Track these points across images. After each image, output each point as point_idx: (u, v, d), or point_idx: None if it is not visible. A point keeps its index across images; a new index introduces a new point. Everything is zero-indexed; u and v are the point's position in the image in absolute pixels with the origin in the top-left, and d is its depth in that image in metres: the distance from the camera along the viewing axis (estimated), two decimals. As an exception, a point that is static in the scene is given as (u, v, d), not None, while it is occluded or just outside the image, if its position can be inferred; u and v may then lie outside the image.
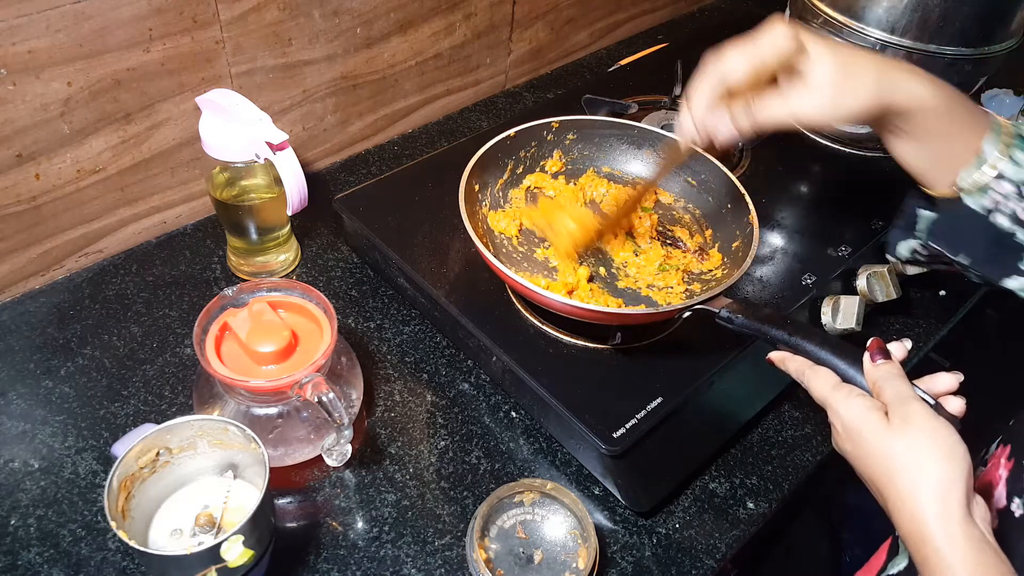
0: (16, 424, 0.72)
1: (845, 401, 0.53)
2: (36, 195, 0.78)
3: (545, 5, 1.16)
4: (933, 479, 0.47)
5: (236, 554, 0.54)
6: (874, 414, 0.51)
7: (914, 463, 0.48)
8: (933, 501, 0.47)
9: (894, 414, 0.50)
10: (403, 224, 0.84)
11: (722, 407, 0.77)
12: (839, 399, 0.54)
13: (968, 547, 0.45)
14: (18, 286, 0.83)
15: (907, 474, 0.48)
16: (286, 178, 0.75)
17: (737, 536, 0.70)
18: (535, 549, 0.64)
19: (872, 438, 0.50)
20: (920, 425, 0.49)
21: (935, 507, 0.46)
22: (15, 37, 0.69)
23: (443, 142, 1.09)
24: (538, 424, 0.76)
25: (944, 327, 0.92)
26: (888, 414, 0.51)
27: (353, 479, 0.71)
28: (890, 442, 0.49)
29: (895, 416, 0.50)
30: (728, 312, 0.64)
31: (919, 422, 0.49)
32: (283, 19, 0.87)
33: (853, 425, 0.52)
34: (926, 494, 0.47)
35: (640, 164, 0.86)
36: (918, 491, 0.47)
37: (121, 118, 0.80)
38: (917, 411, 0.49)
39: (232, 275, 0.87)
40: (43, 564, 0.63)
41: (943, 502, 0.46)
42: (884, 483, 0.50)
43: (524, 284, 0.66)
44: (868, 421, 0.51)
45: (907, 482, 0.48)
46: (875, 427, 0.50)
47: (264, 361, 0.64)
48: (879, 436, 0.50)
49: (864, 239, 0.88)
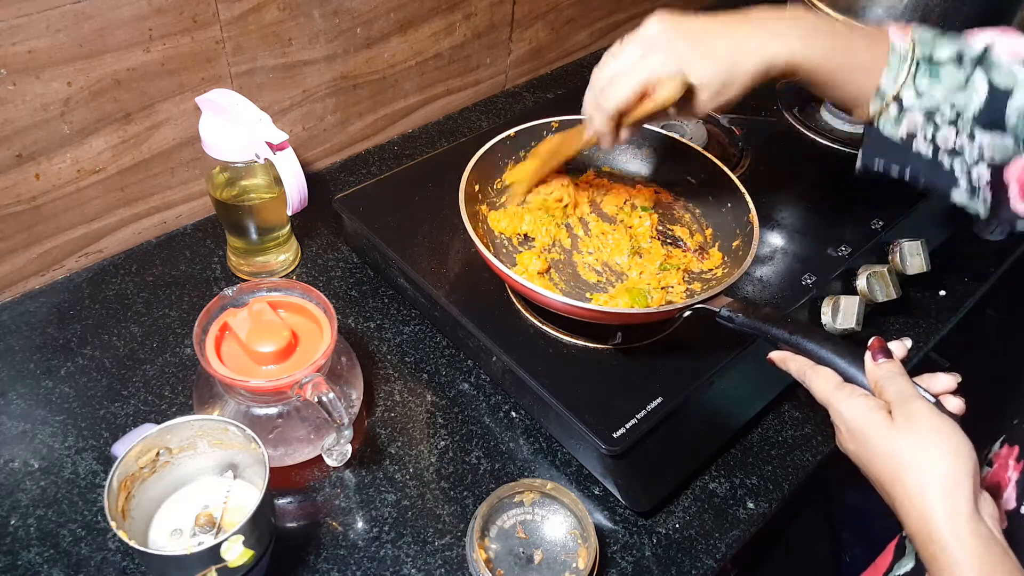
0: (16, 424, 0.72)
1: (848, 401, 0.53)
2: (36, 195, 0.78)
3: (545, 5, 1.16)
4: (940, 476, 0.47)
5: (236, 554, 0.54)
6: (877, 413, 0.51)
7: (920, 461, 0.48)
8: (940, 498, 0.47)
9: (898, 413, 0.50)
10: (403, 224, 0.84)
11: (722, 407, 0.77)
12: (841, 399, 0.53)
13: (975, 543, 0.45)
14: (18, 286, 0.83)
15: (913, 472, 0.48)
16: (286, 178, 0.75)
17: (737, 536, 0.70)
18: (535, 549, 0.64)
19: (876, 438, 0.50)
20: (924, 423, 0.49)
21: (942, 504, 0.46)
22: (15, 37, 0.69)
23: (443, 142, 1.09)
24: (538, 424, 0.76)
25: (944, 327, 0.92)
26: (891, 413, 0.51)
27: (353, 479, 0.71)
28: (895, 441, 0.49)
29: (899, 415, 0.50)
30: (728, 311, 0.64)
31: (923, 420, 0.49)
32: (283, 19, 0.87)
33: (857, 425, 0.52)
34: (933, 491, 0.47)
35: (640, 163, 0.86)
36: (925, 489, 0.47)
37: (121, 118, 0.80)
38: (921, 409, 0.49)
39: (232, 275, 0.87)
40: (43, 564, 0.63)
41: (950, 499, 0.46)
42: (890, 482, 0.49)
43: (524, 284, 0.66)
44: (872, 421, 0.51)
45: (914, 480, 0.48)
46: (879, 426, 0.50)
47: (264, 361, 0.64)
48: (883, 435, 0.50)
49: (864, 239, 0.88)
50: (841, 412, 0.53)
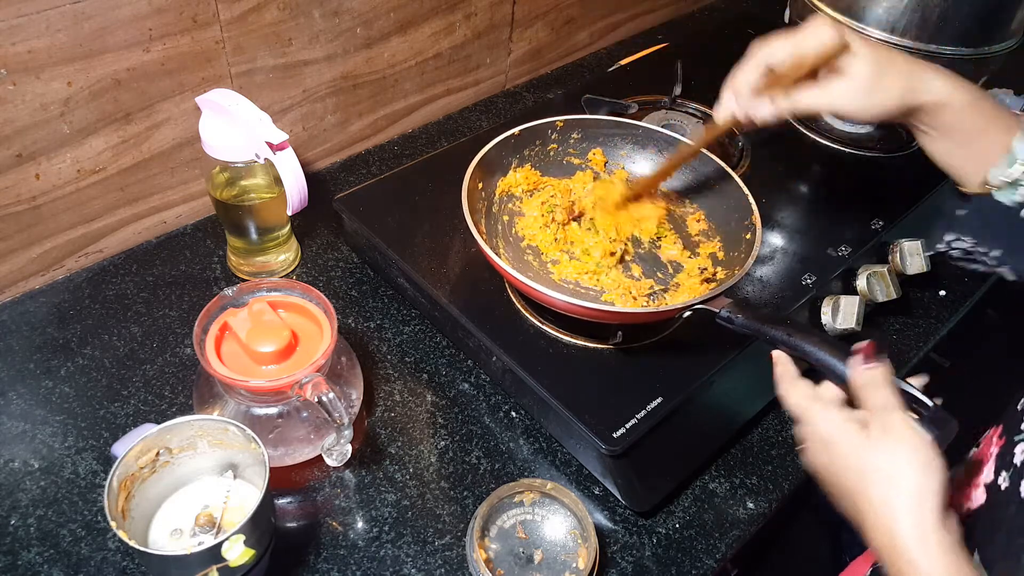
0: (16, 424, 0.72)
1: (823, 412, 0.53)
2: (36, 195, 0.78)
3: (545, 5, 1.16)
4: (909, 489, 0.47)
5: (237, 553, 0.54)
6: (852, 425, 0.51)
7: (890, 473, 0.48)
8: (908, 511, 0.47)
9: (875, 422, 0.50)
10: (403, 224, 0.84)
11: (722, 407, 0.77)
12: (818, 410, 0.53)
13: (940, 553, 0.45)
14: (18, 286, 0.83)
15: (882, 484, 0.48)
16: (286, 178, 0.75)
17: (737, 536, 0.70)
18: (535, 549, 0.64)
19: (849, 449, 0.50)
20: (899, 436, 0.49)
21: (910, 517, 0.46)
22: (15, 37, 0.69)
23: (443, 142, 1.09)
24: (538, 424, 0.76)
25: (944, 327, 0.92)
26: (869, 423, 0.50)
27: (353, 479, 0.71)
28: (867, 452, 0.49)
29: (876, 425, 0.50)
30: (728, 312, 0.64)
31: (899, 433, 0.49)
32: (283, 19, 0.87)
33: (831, 437, 0.52)
34: (901, 504, 0.47)
35: (645, 163, 0.86)
36: (893, 500, 0.47)
37: (121, 118, 0.80)
38: (898, 421, 0.49)
39: (232, 275, 0.87)
40: (43, 564, 0.63)
41: (918, 512, 0.46)
42: (858, 493, 0.49)
43: (525, 281, 0.66)
44: (846, 432, 0.51)
45: (882, 492, 0.48)
46: (853, 438, 0.50)
47: (264, 361, 0.64)
48: (856, 447, 0.50)
49: (864, 239, 0.88)
50: (816, 423, 0.53)
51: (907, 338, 0.90)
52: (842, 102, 0.62)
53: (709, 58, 1.17)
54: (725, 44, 1.23)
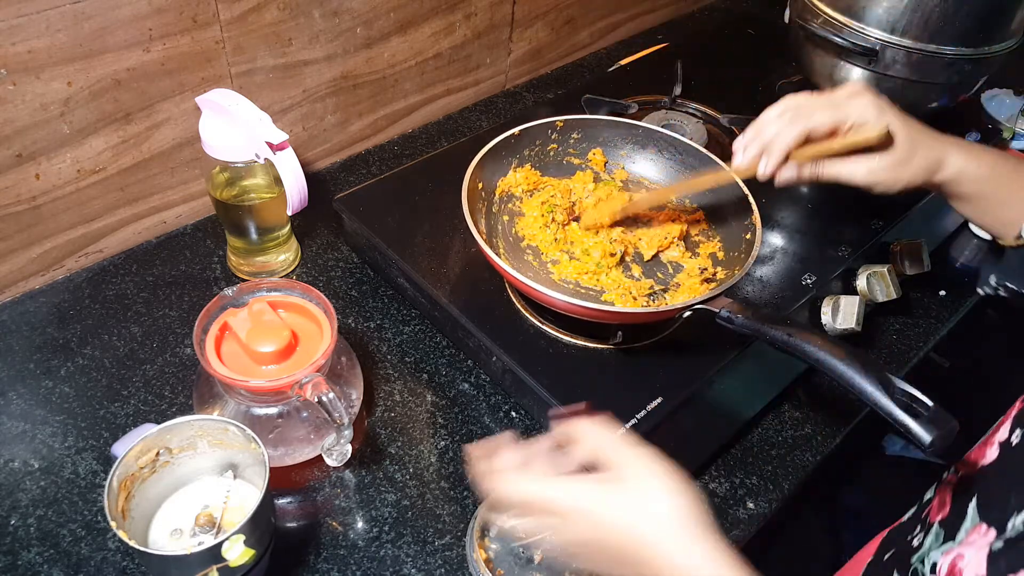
0: (16, 424, 0.72)
1: (568, 484, 0.49)
2: (36, 195, 0.78)
3: (545, 5, 1.16)
4: (671, 511, 0.46)
5: (237, 553, 0.54)
6: (594, 483, 0.49)
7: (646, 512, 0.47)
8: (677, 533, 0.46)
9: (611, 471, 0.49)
10: (403, 224, 0.84)
11: (722, 407, 0.77)
12: (558, 486, 0.49)
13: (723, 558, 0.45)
14: (18, 286, 0.83)
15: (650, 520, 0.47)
16: (286, 178, 0.75)
17: (737, 536, 0.70)
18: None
19: (603, 508, 0.48)
20: (640, 473, 0.48)
21: (683, 535, 0.46)
22: (15, 37, 0.69)
23: (443, 142, 1.09)
24: (538, 424, 0.76)
25: (944, 327, 0.92)
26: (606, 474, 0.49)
27: (353, 479, 0.71)
28: (621, 499, 0.48)
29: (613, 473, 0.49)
30: (728, 312, 0.64)
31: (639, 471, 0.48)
32: (283, 19, 0.87)
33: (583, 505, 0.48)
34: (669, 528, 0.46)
35: (645, 163, 0.86)
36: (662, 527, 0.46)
37: (121, 118, 0.80)
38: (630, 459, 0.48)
39: (232, 275, 0.87)
40: (43, 564, 0.63)
41: (687, 528, 0.46)
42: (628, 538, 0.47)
43: (525, 281, 0.66)
44: (594, 491, 0.48)
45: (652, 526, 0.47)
46: (599, 495, 0.48)
47: (264, 361, 0.64)
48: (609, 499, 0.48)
49: (864, 239, 0.88)
50: (565, 499, 0.49)
51: (907, 338, 0.90)
52: (874, 178, 0.66)
53: (709, 58, 1.17)
54: (725, 44, 1.25)
